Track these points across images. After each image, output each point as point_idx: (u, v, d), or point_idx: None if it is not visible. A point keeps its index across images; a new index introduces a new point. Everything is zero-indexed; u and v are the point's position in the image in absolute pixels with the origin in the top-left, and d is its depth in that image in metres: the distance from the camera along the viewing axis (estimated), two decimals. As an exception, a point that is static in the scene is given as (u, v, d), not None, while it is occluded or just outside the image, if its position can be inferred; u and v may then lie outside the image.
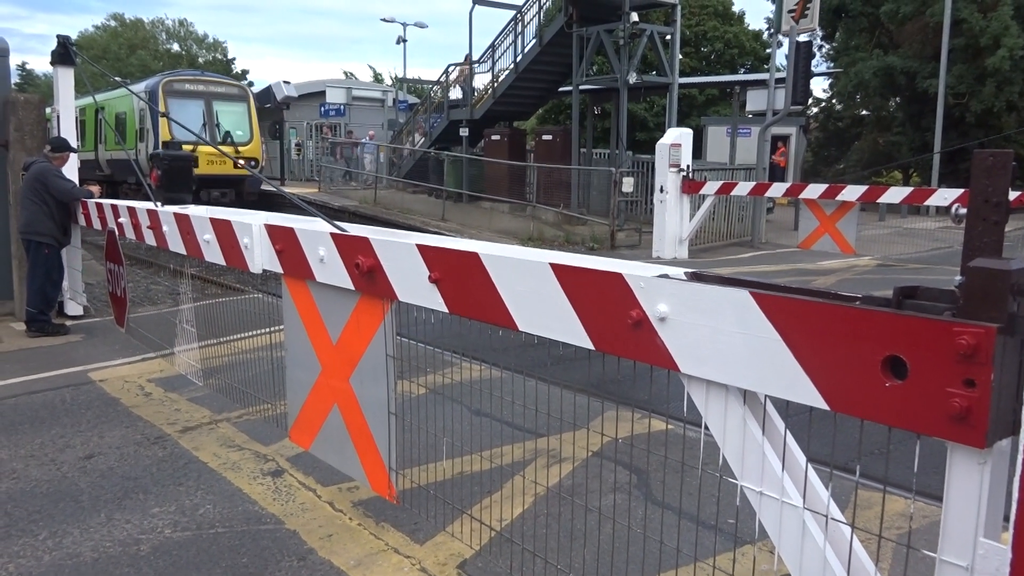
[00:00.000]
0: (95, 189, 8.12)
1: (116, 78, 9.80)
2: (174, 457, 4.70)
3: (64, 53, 8.27)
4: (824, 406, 1.91)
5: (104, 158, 24.69)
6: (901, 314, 1.75)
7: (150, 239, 5.57)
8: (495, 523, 3.75)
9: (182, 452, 4.77)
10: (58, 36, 8.21)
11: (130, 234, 6.04)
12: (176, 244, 5.11)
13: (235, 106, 21.92)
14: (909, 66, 29.78)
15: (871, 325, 1.79)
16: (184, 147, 16.67)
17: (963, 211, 1.80)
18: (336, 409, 3.71)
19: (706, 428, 2.24)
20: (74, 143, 8.29)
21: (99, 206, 6.98)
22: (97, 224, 7.10)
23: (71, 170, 8.16)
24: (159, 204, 5.61)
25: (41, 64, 76.32)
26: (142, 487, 4.26)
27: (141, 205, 5.90)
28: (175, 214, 5.09)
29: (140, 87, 21.87)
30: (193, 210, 5.23)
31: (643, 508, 3.99)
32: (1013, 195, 12.52)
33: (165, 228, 5.25)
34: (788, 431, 2.16)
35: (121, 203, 6.40)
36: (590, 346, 2.45)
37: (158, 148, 17.95)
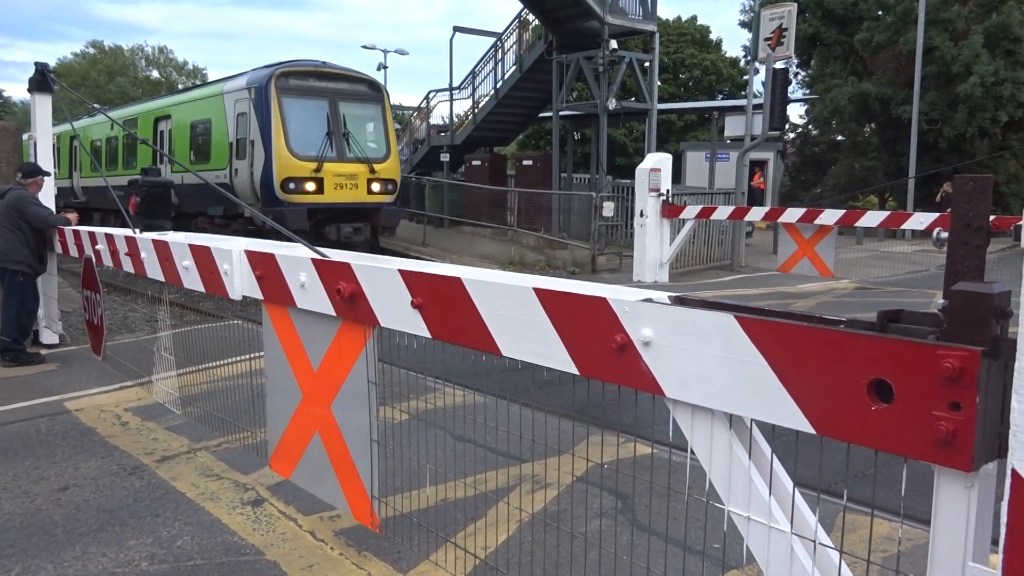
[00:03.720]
0: (72, 217, 8.04)
1: (95, 105, 9.77)
2: (151, 488, 4.61)
3: (42, 80, 8.22)
4: (810, 430, 1.90)
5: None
6: (886, 337, 1.75)
7: (128, 266, 5.51)
8: (479, 551, 3.70)
9: (160, 482, 4.68)
10: (36, 63, 8.17)
11: (108, 261, 5.97)
12: (155, 271, 5.06)
13: (367, 108, 16.23)
14: (883, 92, 30.29)
15: (856, 348, 1.79)
16: (305, 166, 14.34)
17: (944, 235, 1.81)
18: (317, 437, 3.66)
19: (692, 452, 2.22)
20: (50, 169, 8.22)
21: (76, 233, 6.91)
22: (74, 251, 7.02)
23: (47, 196, 8.08)
24: (137, 231, 5.56)
25: (18, 91, 75.93)
26: (118, 519, 4.17)
27: (119, 232, 5.84)
28: (153, 240, 5.04)
29: (237, 83, 15.85)
30: (172, 236, 5.18)
31: (628, 534, 3.96)
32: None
33: (143, 255, 5.20)
34: (775, 455, 2.15)
35: (98, 230, 6.33)
36: (575, 371, 2.44)
37: (271, 167, 14.32)
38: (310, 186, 14.60)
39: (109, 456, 5.12)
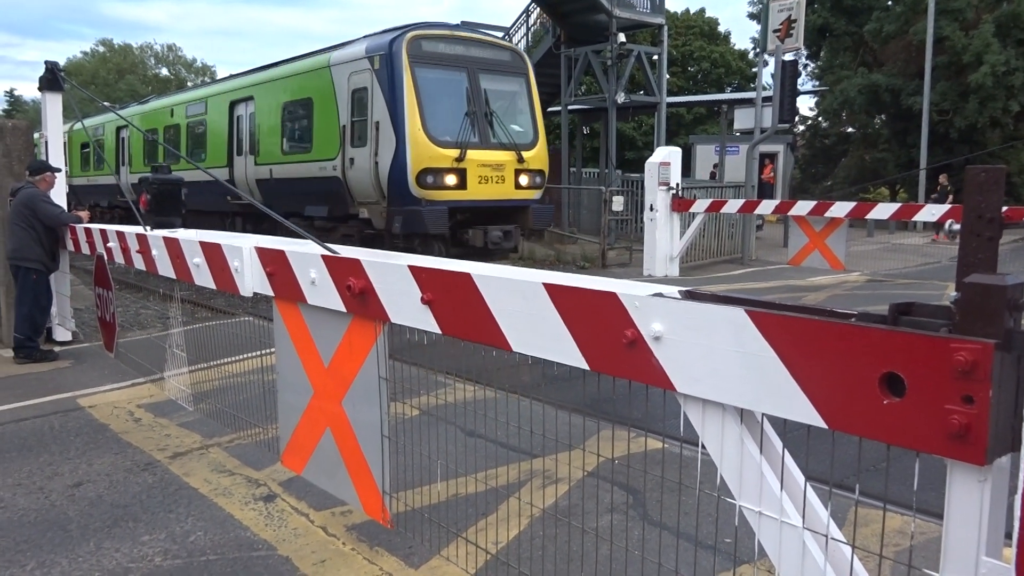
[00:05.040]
0: (84, 215, 8.08)
1: (104, 103, 9.80)
2: (164, 483, 4.64)
3: (52, 79, 8.26)
4: (822, 424, 1.89)
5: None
6: (898, 331, 1.74)
7: (139, 264, 5.54)
8: (490, 546, 3.71)
9: (172, 478, 4.71)
10: (46, 62, 8.21)
11: (119, 259, 6.00)
12: (166, 268, 5.08)
13: (511, 82, 13.26)
14: (893, 83, 30.11)
15: (868, 342, 1.78)
16: (446, 155, 11.50)
17: (957, 227, 1.79)
18: (328, 432, 3.67)
19: (703, 447, 2.22)
20: (61, 166, 8.26)
21: (87, 231, 6.94)
22: (86, 249, 7.06)
23: (59, 194, 8.12)
24: (148, 228, 5.58)
25: (29, 90, 76.32)
26: (132, 515, 4.20)
27: (130, 230, 5.87)
28: (164, 238, 5.06)
29: (351, 52, 12.76)
30: (182, 234, 5.20)
31: (640, 528, 3.96)
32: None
33: (154, 252, 5.22)
34: (786, 449, 2.14)
35: (110, 228, 6.37)
36: (585, 366, 2.44)
37: (403, 155, 11.45)
38: (450, 179, 11.83)
39: (122, 452, 5.15)
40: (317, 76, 13.44)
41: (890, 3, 31.80)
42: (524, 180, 12.70)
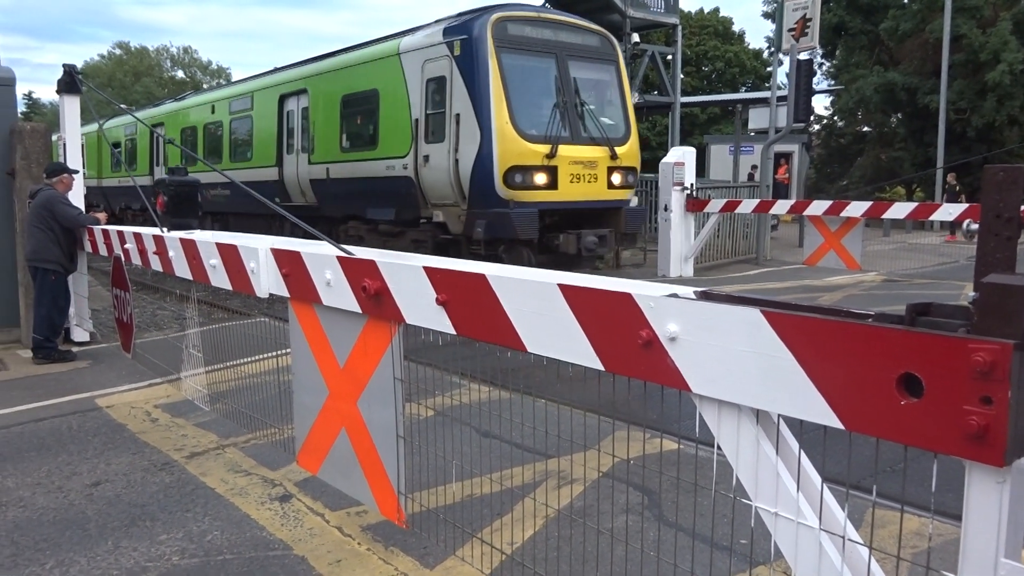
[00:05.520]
0: (101, 216, 8.15)
1: (121, 105, 9.87)
2: (181, 483, 4.67)
3: (70, 82, 8.34)
4: (838, 425, 1.89)
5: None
6: (915, 331, 1.73)
7: (156, 265, 5.58)
8: (505, 546, 3.71)
9: (189, 478, 4.75)
10: (64, 65, 8.29)
11: (136, 260, 6.05)
12: (182, 269, 5.12)
13: (601, 70, 11.94)
14: (910, 82, 29.90)
15: (885, 343, 1.77)
16: (536, 151, 10.29)
17: (975, 226, 1.78)
18: (344, 433, 3.69)
19: (718, 448, 2.22)
20: (79, 168, 8.34)
21: (105, 232, 7.00)
22: (103, 251, 7.12)
23: (76, 195, 8.20)
24: (165, 230, 5.62)
25: (47, 93, 77.26)
26: (149, 514, 4.24)
27: (147, 231, 5.91)
28: (181, 239, 5.10)
29: (426, 36, 11.47)
30: (199, 235, 5.24)
31: (655, 530, 3.95)
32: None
33: (171, 254, 5.26)
34: (802, 450, 2.13)
35: (127, 229, 6.42)
36: (600, 367, 2.43)
37: (490, 151, 10.20)
38: (540, 178, 10.62)
39: (140, 452, 5.20)
40: (384, 65, 12.11)
41: (906, 1, 31.60)
42: (617, 179, 11.46)
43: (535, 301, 2.61)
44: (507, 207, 10.31)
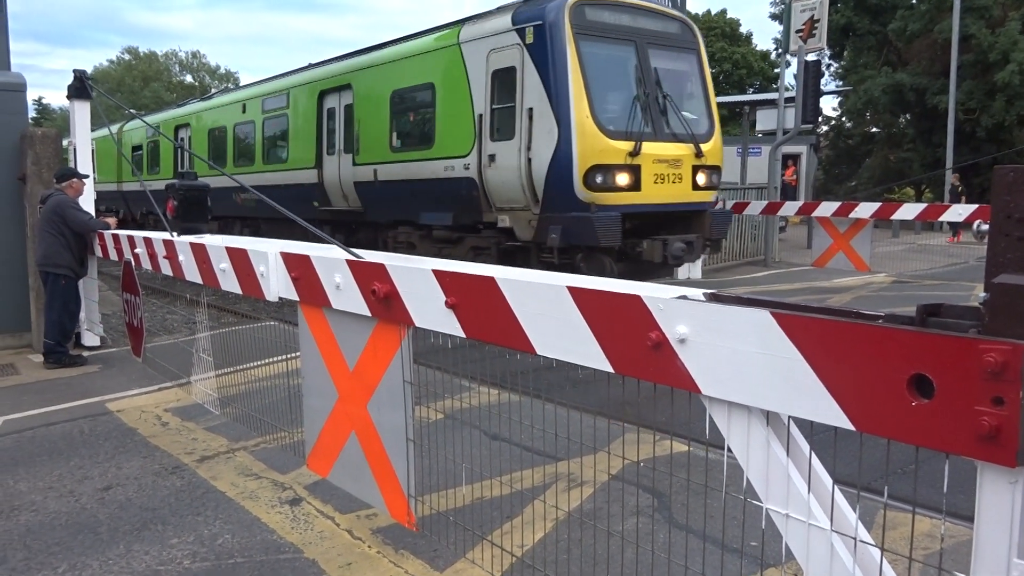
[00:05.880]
0: (111, 221, 8.20)
1: (131, 110, 9.95)
2: (192, 487, 4.69)
3: (80, 87, 8.40)
4: (849, 426, 1.88)
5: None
6: (926, 332, 1.73)
7: (166, 269, 5.61)
8: (516, 549, 3.71)
9: (200, 482, 4.76)
10: (74, 71, 8.35)
11: (146, 264, 6.09)
12: (192, 274, 5.14)
13: (682, 59, 10.93)
14: (918, 83, 29.80)
15: (896, 344, 1.77)
16: (619, 148, 9.32)
17: (985, 227, 1.77)
18: (354, 436, 3.70)
19: (729, 450, 2.21)
20: (89, 173, 8.39)
21: (115, 237, 7.04)
22: (114, 255, 7.16)
23: (87, 200, 8.25)
24: (175, 234, 5.65)
25: (57, 98, 77.63)
26: (160, 518, 4.25)
27: (157, 235, 5.95)
28: (191, 244, 5.13)
29: (492, 23, 10.45)
30: (209, 239, 5.27)
31: (666, 532, 3.95)
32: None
33: (181, 258, 5.29)
34: (813, 452, 2.13)
35: (137, 234, 6.46)
36: (610, 369, 2.44)
37: (569, 149, 9.25)
38: (623, 178, 9.66)
39: (150, 456, 5.22)
40: (442, 56, 11.15)
41: (914, 1, 31.50)
42: (702, 179, 10.51)
43: (544, 303, 2.62)
44: (587, 211, 9.37)
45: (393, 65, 12.19)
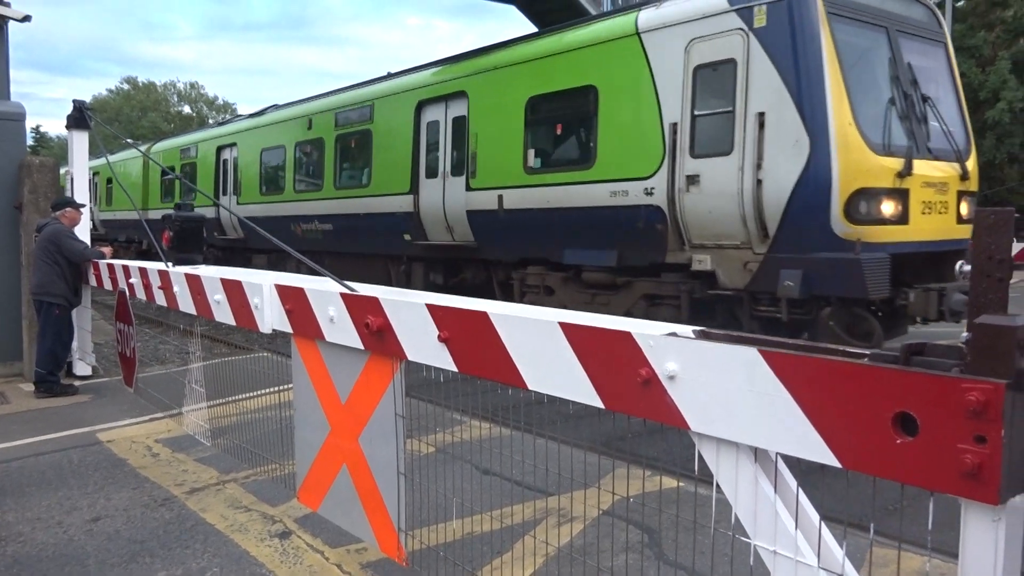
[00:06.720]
0: (107, 250, 8.22)
1: (128, 140, 10.03)
2: (181, 519, 4.66)
3: (79, 117, 8.47)
4: (836, 463, 1.90)
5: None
6: (910, 371, 1.76)
7: (161, 299, 5.63)
8: (505, 585, 3.69)
9: (189, 514, 4.73)
10: (74, 101, 8.42)
11: (141, 294, 6.10)
12: (187, 304, 5.16)
13: (930, 52, 8.72)
14: (909, 120, 30.09)
15: (880, 382, 1.80)
16: (886, 167, 7.32)
17: (967, 268, 1.82)
18: (345, 469, 3.69)
19: (717, 486, 2.23)
20: (85, 201, 8.43)
21: (111, 267, 7.06)
22: (108, 285, 7.17)
23: (83, 230, 8.28)
24: (170, 265, 5.67)
25: (55, 127, 78.06)
26: (149, 550, 4.22)
27: (152, 266, 5.97)
28: (186, 274, 5.15)
29: (691, 5, 8.36)
30: (204, 270, 5.29)
31: (655, 568, 3.93)
32: (1017, 247, 12.37)
33: (176, 288, 5.31)
34: (800, 488, 2.15)
35: (132, 264, 6.47)
36: (600, 405, 2.46)
37: (827, 165, 7.14)
38: (888, 207, 7.45)
39: (140, 487, 5.19)
40: (609, 51, 8.99)
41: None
42: (965, 208, 8.25)
43: (536, 339, 2.64)
44: (847, 249, 7.14)
45: (530, 66, 9.99)
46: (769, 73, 7.52)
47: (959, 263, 7.66)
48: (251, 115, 17.62)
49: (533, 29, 23.15)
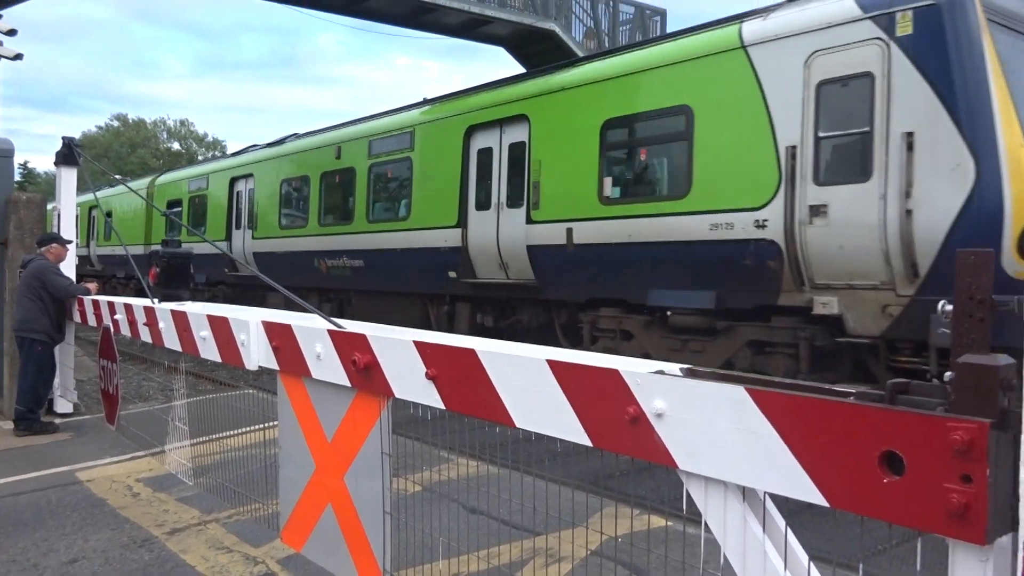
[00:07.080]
0: (92, 287, 8.17)
1: (116, 176, 10.05)
2: (161, 561, 4.58)
3: (68, 154, 8.48)
4: (823, 503, 1.90)
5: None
6: (895, 410, 1.77)
7: (146, 336, 5.59)
8: (492, 627, 3.64)
9: (169, 555, 4.65)
10: (63, 138, 8.45)
11: (125, 331, 6.05)
12: (172, 341, 5.12)
13: None
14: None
15: (866, 421, 1.80)
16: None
17: (949, 307, 1.85)
18: (330, 508, 3.65)
19: (706, 526, 2.22)
20: (72, 239, 8.40)
21: (95, 303, 7.01)
22: (92, 321, 7.11)
23: (68, 266, 8.24)
24: (156, 301, 5.64)
25: (42, 163, 78.06)
26: (128, 592, 4.14)
27: (137, 302, 5.93)
28: (172, 311, 5.12)
29: (826, 8, 7.29)
30: (190, 307, 5.26)
31: (643, 610, 3.89)
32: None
33: (161, 325, 5.27)
34: (789, 528, 2.14)
35: (117, 300, 6.43)
36: (588, 443, 2.45)
37: (996, 184, 6.17)
38: None
39: (119, 528, 5.10)
40: (708, 67, 8.09)
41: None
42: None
43: (524, 377, 2.64)
44: (1020, 291, 5.94)
45: (606, 85, 9.04)
46: (918, 87, 6.60)
47: (941, 302, 7.14)
48: (269, 144, 16.58)
49: (521, 70, 23.44)
